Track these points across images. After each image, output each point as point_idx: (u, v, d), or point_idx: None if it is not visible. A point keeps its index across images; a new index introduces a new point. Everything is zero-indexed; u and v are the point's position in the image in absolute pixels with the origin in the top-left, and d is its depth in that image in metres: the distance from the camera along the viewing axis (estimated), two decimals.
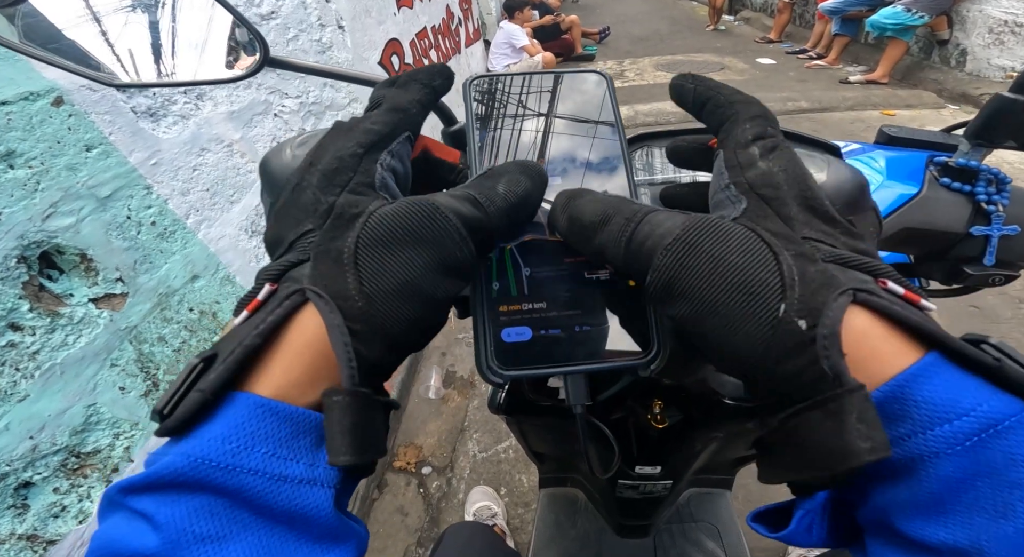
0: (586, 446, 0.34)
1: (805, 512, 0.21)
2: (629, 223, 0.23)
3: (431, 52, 3.15)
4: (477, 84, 0.32)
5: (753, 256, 0.21)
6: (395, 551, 1.50)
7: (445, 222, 0.23)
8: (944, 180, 0.51)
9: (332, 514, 0.21)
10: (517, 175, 0.26)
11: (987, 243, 0.48)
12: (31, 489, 0.92)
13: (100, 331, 1.00)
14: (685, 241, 0.21)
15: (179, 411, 0.20)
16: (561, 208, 0.26)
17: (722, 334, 0.20)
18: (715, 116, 0.28)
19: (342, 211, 0.23)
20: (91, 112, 1.02)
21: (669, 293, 0.22)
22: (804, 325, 0.19)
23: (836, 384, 0.18)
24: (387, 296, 0.21)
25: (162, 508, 0.19)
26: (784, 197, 0.23)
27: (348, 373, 0.20)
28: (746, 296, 0.20)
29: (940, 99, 4.17)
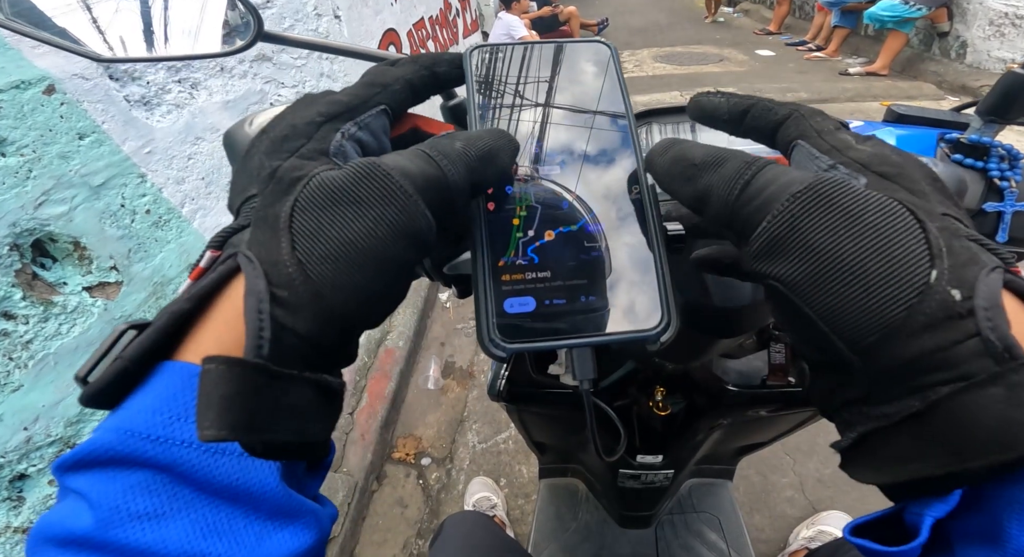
0: (592, 424, 0.33)
1: (935, 521, 0.19)
2: (750, 166, 0.21)
3: (428, 43, 3.12)
4: (477, 54, 0.30)
5: (896, 219, 0.18)
6: (395, 543, 1.50)
7: (386, 180, 0.20)
8: (956, 156, 0.49)
9: (279, 489, 0.20)
10: (480, 133, 0.25)
11: (1000, 220, 0.47)
12: (26, 481, 0.91)
13: (94, 320, 0.99)
14: (818, 191, 0.19)
15: (97, 378, 0.19)
16: (663, 148, 0.25)
17: (849, 297, 0.18)
18: (767, 116, 0.26)
19: (283, 175, 0.22)
20: (83, 101, 1.01)
21: (784, 247, 0.19)
22: (958, 295, 0.17)
23: (1005, 357, 0.16)
24: (322, 260, 0.19)
25: (96, 486, 0.18)
26: (911, 174, 0.21)
27: (253, 342, 0.18)
28: (887, 259, 0.18)
29: (940, 91, 4.16)
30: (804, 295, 0.19)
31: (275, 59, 1.64)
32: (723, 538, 1.11)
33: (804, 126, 0.25)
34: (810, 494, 1.51)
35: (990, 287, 0.17)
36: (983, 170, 0.48)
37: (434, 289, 2.38)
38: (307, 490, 0.23)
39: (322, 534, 0.22)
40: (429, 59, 0.29)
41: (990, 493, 0.18)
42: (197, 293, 0.20)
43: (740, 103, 0.27)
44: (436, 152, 0.23)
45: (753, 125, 0.27)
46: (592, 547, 1.10)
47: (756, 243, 0.20)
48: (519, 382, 0.71)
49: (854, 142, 0.23)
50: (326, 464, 0.25)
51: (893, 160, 0.22)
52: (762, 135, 0.27)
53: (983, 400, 0.16)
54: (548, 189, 0.27)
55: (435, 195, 0.22)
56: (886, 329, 0.18)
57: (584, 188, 0.28)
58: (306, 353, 0.20)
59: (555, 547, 1.12)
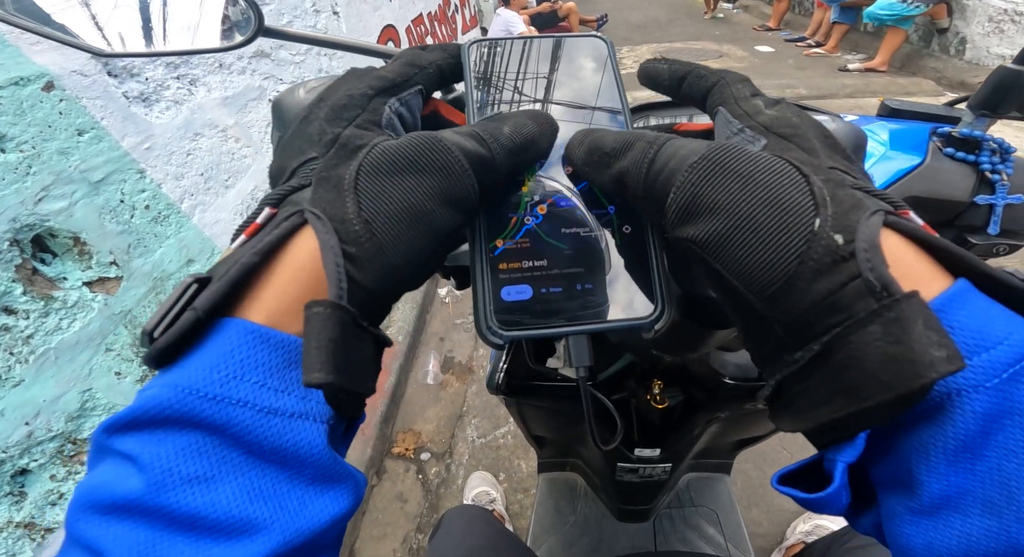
0: (588, 411, 0.33)
1: (845, 466, 0.19)
2: (651, 146, 0.23)
3: (427, 39, 3.12)
4: (476, 48, 0.31)
5: (783, 176, 0.20)
6: (394, 537, 1.51)
7: (447, 154, 0.22)
8: (948, 150, 0.50)
9: (326, 452, 0.20)
10: (524, 119, 0.26)
11: (991, 212, 0.48)
12: (28, 476, 0.92)
13: (94, 315, 0.99)
14: (711, 159, 0.21)
15: (171, 331, 0.19)
16: (578, 141, 0.26)
17: (750, 252, 0.19)
18: (699, 84, 0.28)
19: (346, 141, 0.23)
20: (82, 97, 1.01)
21: (691, 212, 0.21)
22: (841, 240, 0.18)
23: (883, 295, 0.17)
24: (387, 220, 0.21)
25: (147, 448, 0.18)
26: (805, 134, 0.23)
27: (336, 291, 0.19)
28: (777, 211, 0.19)
29: (939, 87, 4.16)
30: (713, 253, 0.20)
31: (274, 55, 1.64)
32: (721, 532, 1.11)
33: (726, 93, 0.27)
34: None
35: (870, 229, 0.18)
36: (975, 163, 0.48)
37: (433, 284, 2.38)
38: (340, 454, 0.23)
39: (358, 500, 0.22)
40: (455, 48, 0.30)
41: (898, 439, 0.18)
42: (265, 247, 0.20)
43: (678, 70, 0.29)
44: (488, 135, 0.24)
45: (688, 92, 0.29)
46: (590, 541, 1.11)
47: (669, 213, 0.22)
48: (518, 375, 0.71)
49: (763, 107, 0.25)
50: (355, 428, 0.25)
51: (792, 121, 0.24)
52: (696, 101, 0.29)
53: (864, 338, 0.17)
54: (546, 182, 0.28)
55: (483, 172, 0.24)
56: (784, 277, 0.19)
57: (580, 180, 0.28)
58: (369, 306, 0.21)
59: (554, 541, 1.12)
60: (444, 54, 0.30)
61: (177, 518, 0.17)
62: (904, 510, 0.18)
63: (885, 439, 0.19)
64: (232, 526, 0.18)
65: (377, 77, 0.27)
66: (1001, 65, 0.47)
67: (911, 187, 0.49)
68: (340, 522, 0.21)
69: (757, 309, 0.20)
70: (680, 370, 0.73)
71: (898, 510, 0.19)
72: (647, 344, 0.50)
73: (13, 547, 0.89)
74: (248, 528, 0.18)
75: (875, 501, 0.21)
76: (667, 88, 0.30)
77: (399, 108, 0.27)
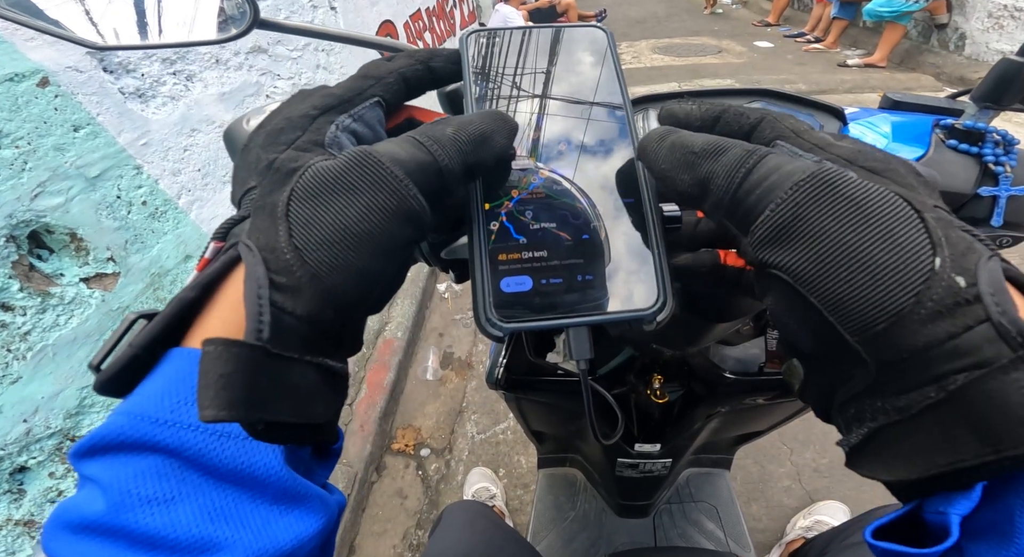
0: (589, 404, 0.33)
1: (960, 519, 0.18)
2: (752, 155, 0.21)
3: (425, 34, 3.11)
4: (474, 38, 0.30)
5: (897, 209, 0.18)
6: (394, 534, 1.51)
7: (378, 167, 0.21)
8: (951, 142, 0.50)
9: (284, 473, 0.20)
10: (472, 117, 0.25)
11: (995, 204, 0.48)
12: (27, 474, 0.92)
13: (92, 311, 0.99)
14: (824, 180, 0.19)
15: (109, 365, 0.20)
16: (659, 136, 0.25)
17: (855, 286, 0.18)
18: (739, 122, 0.26)
19: (280, 165, 0.23)
20: (78, 93, 1.01)
21: (788, 235, 0.19)
22: (963, 282, 0.17)
23: (1020, 343, 0.16)
24: (319, 246, 0.20)
25: (107, 471, 0.19)
26: (897, 168, 0.21)
27: (253, 325, 0.18)
28: (891, 246, 0.18)
29: (938, 82, 4.15)
30: (809, 283, 0.19)
31: (271, 51, 1.63)
32: (721, 527, 1.11)
33: (779, 127, 0.25)
34: (807, 484, 1.52)
35: (992, 273, 0.17)
36: (978, 155, 0.48)
37: (432, 280, 2.38)
38: (316, 477, 0.24)
39: (329, 520, 0.22)
40: (425, 54, 0.29)
41: (1004, 488, 0.18)
42: (201, 281, 0.20)
43: (711, 110, 0.27)
44: (426, 138, 0.23)
45: (725, 131, 0.26)
46: (590, 536, 1.11)
47: (759, 231, 0.20)
48: (517, 370, 0.71)
49: (833, 139, 0.23)
50: (335, 452, 0.25)
51: (878, 156, 0.22)
52: (739, 134, 0.26)
53: (1007, 386, 0.16)
54: (545, 173, 0.27)
55: (426, 179, 0.22)
56: (894, 317, 0.17)
57: (581, 171, 0.28)
58: (307, 335, 0.20)
59: (554, 536, 1.13)
60: (409, 61, 0.29)
61: (138, 538, 0.18)
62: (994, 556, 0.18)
63: (988, 491, 0.18)
64: (193, 545, 0.19)
65: (322, 96, 0.26)
66: (1004, 57, 0.46)
67: None
68: (309, 542, 0.21)
69: (850, 348, 0.19)
70: (680, 365, 0.73)
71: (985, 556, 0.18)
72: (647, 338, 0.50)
73: (12, 545, 0.89)
74: (209, 547, 0.19)
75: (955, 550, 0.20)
76: (697, 129, 0.27)
77: (351, 124, 0.26)
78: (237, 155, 0.26)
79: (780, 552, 1.31)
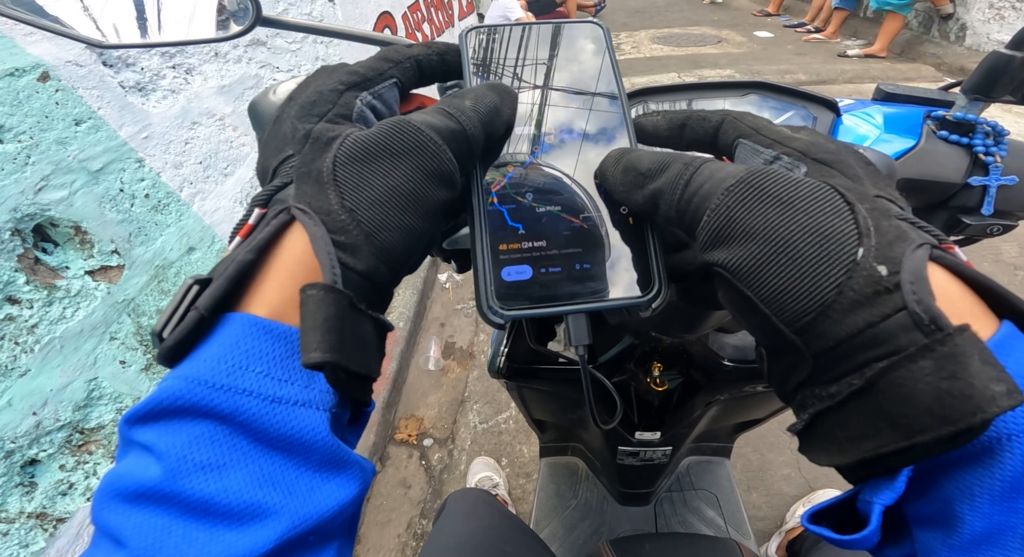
0: (588, 389, 0.34)
1: (884, 507, 0.19)
2: (688, 167, 0.23)
3: (424, 25, 3.09)
4: (474, 36, 0.31)
5: (826, 203, 0.19)
6: (399, 523, 1.53)
7: (419, 133, 0.23)
8: (942, 133, 0.51)
9: (329, 439, 0.21)
10: (483, 90, 0.27)
11: (985, 193, 0.49)
12: (37, 467, 0.93)
13: (98, 304, 1.00)
14: (749, 183, 0.21)
15: (177, 331, 0.20)
16: (615, 160, 0.27)
17: (784, 280, 0.19)
18: (704, 125, 0.28)
19: (318, 135, 0.24)
20: (78, 87, 1.01)
21: (725, 236, 0.21)
22: (885, 271, 0.17)
23: (931, 329, 0.16)
24: (370, 205, 0.22)
25: (163, 437, 0.19)
26: (846, 160, 0.23)
27: (330, 276, 0.20)
28: (818, 238, 0.19)
29: (939, 73, 4.14)
30: (745, 279, 0.20)
31: (269, 44, 1.62)
32: (721, 515, 1.13)
33: (740, 126, 0.26)
34: (806, 472, 1.53)
35: (916, 262, 0.18)
36: (968, 146, 0.49)
37: (433, 270, 2.39)
38: (349, 444, 0.24)
39: (364, 486, 0.23)
40: (441, 46, 0.31)
41: (941, 477, 0.18)
42: (258, 244, 0.21)
43: (675, 118, 0.29)
44: (454, 109, 0.25)
45: (692, 137, 0.28)
46: (592, 523, 1.12)
47: (701, 236, 0.22)
48: (519, 359, 0.72)
49: (790, 132, 0.25)
50: (365, 417, 0.26)
51: (829, 147, 0.23)
52: (702, 144, 0.28)
53: (915, 373, 0.16)
54: (544, 165, 0.28)
55: (457, 145, 0.24)
56: (819, 308, 0.18)
57: (579, 164, 0.29)
58: (366, 291, 0.22)
59: (556, 524, 1.14)
60: (426, 50, 0.30)
61: (192, 504, 0.18)
62: (942, 546, 0.18)
63: (924, 480, 0.19)
64: (243, 511, 0.19)
65: (347, 72, 0.27)
66: (994, 50, 0.47)
67: (905, 169, 0.49)
68: (347, 508, 0.22)
69: (787, 338, 0.20)
70: (679, 352, 0.74)
71: (935, 546, 0.19)
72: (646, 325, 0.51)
73: (26, 538, 0.89)
74: (259, 513, 0.19)
75: (906, 535, 0.20)
76: (667, 138, 0.29)
77: (372, 101, 0.27)
78: (268, 125, 0.27)
79: (780, 540, 1.33)
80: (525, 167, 0.28)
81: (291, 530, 0.19)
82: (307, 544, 0.20)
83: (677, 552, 0.72)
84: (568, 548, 1.09)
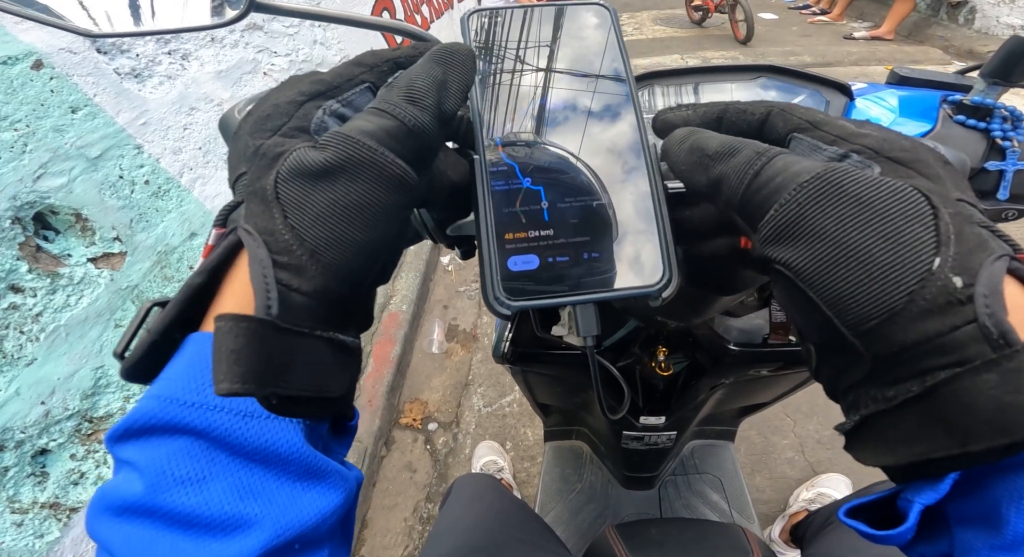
0: (596, 380, 0.34)
1: (923, 507, 0.19)
2: (760, 156, 0.22)
3: (423, 7, 3.04)
4: (476, 19, 0.30)
5: (907, 205, 0.19)
6: (405, 507, 1.55)
7: (349, 143, 0.22)
8: (959, 117, 0.50)
9: (305, 450, 0.21)
10: (419, 69, 0.25)
11: (1001, 178, 0.48)
12: (48, 456, 0.93)
13: (101, 291, 1.00)
14: (827, 180, 0.20)
15: (132, 352, 0.20)
16: (680, 138, 0.26)
17: (852, 283, 0.18)
18: (744, 119, 0.26)
19: (266, 151, 0.23)
20: (73, 74, 1.00)
21: (792, 233, 0.20)
22: (960, 282, 0.17)
23: (1000, 344, 0.16)
24: (313, 223, 0.21)
25: (143, 453, 0.20)
26: (925, 158, 0.22)
27: (262, 303, 0.19)
28: (892, 244, 0.18)
29: (946, 55, 4.08)
30: (808, 280, 0.20)
31: (266, 27, 1.60)
32: (725, 498, 1.14)
33: (793, 120, 0.25)
34: (810, 455, 1.54)
35: (993, 274, 0.17)
36: (985, 131, 0.48)
37: (435, 252, 2.38)
38: (334, 455, 0.25)
39: (348, 494, 0.23)
40: (427, 47, 0.29)
41: (990, 480, 0.18)
42: (207, 267, 0.21)
43: (710, 111, 0.27)
44: (386, 104, 0.23)
45: (731, 131, 0.26)
46: (596, 507, 1.13)
47: (764, 229, 0.21)
48: (523, 344, 0.72)
49: (855, 127, 0.23)
50: (351, 429, 0.26)
51: (904, 145, 0.22)
52: (750, 131, 0.27)
53: (979, 385, 0.17)
54: (550, 151, 0.28)
55: (401, 142, 0.23)
56: (886, 314, 0.18)
57: (586, 150, 0.28)
58: (316, 310, 0.21)
59: (561, 507, 1.15)
60: (410, 52, 0.28)
61: (175, 517, 0.19)
62: (984, 546, 0.19)
63: (973, 482, 0.19)
64: (226, 522, 0.20)
65: (311, 82, 0.26)
66: (1015, 34, 0.47)
67: None
68: (331, 516, 0.22)
69: (847, 341, 0.19)
70: (685, 336, 0.74)
71: (976, 545, 0.19)
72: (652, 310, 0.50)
73: (40, 527, 0.90)
74: (241, 523, 0.20)
75: (943, 533, 0.21)
76: None
77: (340, 110, 0.26)
78: (230, 142, 0.26)
79: (783, 524, 1.34)
80: (531, 147, 0.28)
81: (274, 539, 0.20)
82: (293, 551, 0.21)
83: (682, 536, 0.73)
84: (573, 531, 1.10)
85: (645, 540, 0.72)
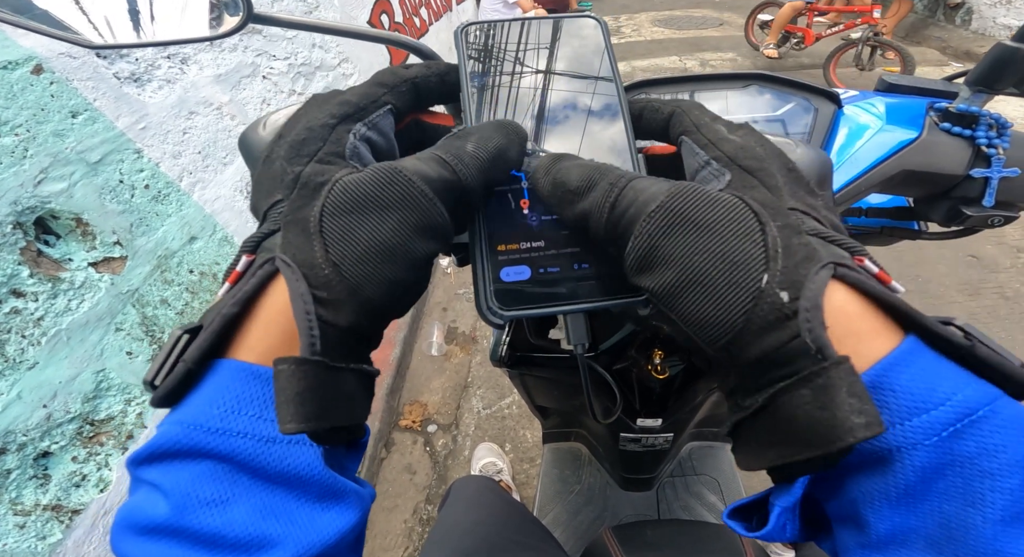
0: (587, 387, 0.35)
1: (781, 510, 0.20)
2: (613, 188, 0.22)
3: (421, 10, 3.05)
4: (470, 32, 0.31)
5: (739, 224, 0.20)
6: (405, 509, 1.55)
7: (409, 185, 0.22)
8: (944, 125, 0.50)
9: (324, 472, 0.21)
10: (489, 132, 0.25)
11: (987, 185, 0.49)
12: (50, 459, 0.93)
13: (102, 295, 1.00)
14: (669, 208, 0.20)
15: (167, 381, 0.21)
16: (544, 171, 0.26)
17: (701, 306, 0.20)
18: (656, 117, 0.28)
19: (307, 180, 0.23)
20: (73, 79, 1.00)
21: (649, 263, 0.21)
22: (786, 297, 0.18)
23: (818, 358, 0.18)
24: (355, 261, 0.21)
25: (167, 476, 0.20)
26: (769, 168, 0.23)
27: (307, 341, 0.20)
28: (729, 265, 0.19)
29: (944, 56, 4.10)
30: (668, 305, 0.21)
31: (265, 32, 1.61)
32: (722, 500, 1.14)
33: (685, 122, 0.26)
34: None
35: (816, 286, 0.18)
36: (971, 138, 0.49)
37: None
38: (347, 471, 0.25)
39: (364, 512, 0.24)
40: (442, 67, 0.30)
41: (846, 482, 0.20)
42: (242, 297, 0.21)
43: (633, 106, 0.29)
44: (451, 156, 0.24)
45: (647, 127, 0.29)
46: (595, 509, 1.14)
47: (628, 261, 0.22)
48: (520, 347, 0.72)
49: (726, 132, 0.25)
50: (362, 444, 0.27)
51: (757, 153, 0.24)
52: (658, 136, 0.29)
53: (797, 400, 0.18)
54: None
55: (451, 196, 0.23)
56: (732, 333, 0.19)
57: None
58: (349, 344, 0.22)
59: (559, 509, 1.15)
60: (424, 71, 0.29)
61: (200, 537, 0.19)
62: (855, 544, 0.20)
63: (834, 483, 0.20)
64: (250, 542, 0.20)
65: (339, 103, 0.26)
66: (999, 42, 0.47)
67: (907, 160, 0.49)
68: (349, 534, 0.23)
69: (712, 356, 0.21)
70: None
71: (849, 544, 0.20)
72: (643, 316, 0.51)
73: (43, 529, 0.90)
74: (265, 543, 0.20)
75: (830, 531, 0.22)
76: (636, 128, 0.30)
77: (366, 133, 0.26)
78: (258, 165, 0.26)
79: None
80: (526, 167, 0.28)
81: None
82: None
83: (678, 538, 0.74)
84: (571, 533, 1.10)
85: (641, 542, 0.72)
